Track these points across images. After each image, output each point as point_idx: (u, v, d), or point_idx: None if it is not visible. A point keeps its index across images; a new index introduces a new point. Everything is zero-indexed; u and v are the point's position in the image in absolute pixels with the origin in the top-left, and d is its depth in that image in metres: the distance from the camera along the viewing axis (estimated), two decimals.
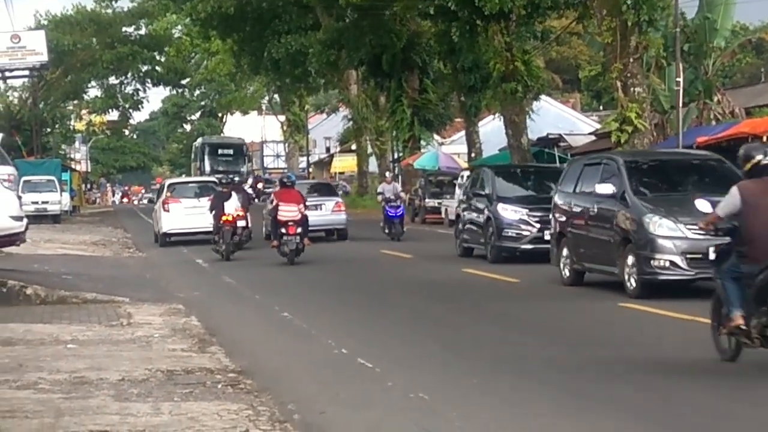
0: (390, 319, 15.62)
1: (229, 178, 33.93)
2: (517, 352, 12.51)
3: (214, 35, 61.34)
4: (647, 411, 9.35)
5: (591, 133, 49.10)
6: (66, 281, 19.88)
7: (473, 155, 50.26)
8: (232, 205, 27.25)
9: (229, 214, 26.93)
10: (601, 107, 75.32)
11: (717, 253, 11.37)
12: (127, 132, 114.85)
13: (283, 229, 25.00)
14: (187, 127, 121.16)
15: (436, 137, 57.50)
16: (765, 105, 39.13)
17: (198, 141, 68.30)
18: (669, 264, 16.49)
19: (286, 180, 27.31)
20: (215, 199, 28.13)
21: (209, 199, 29.60)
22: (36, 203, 46.22)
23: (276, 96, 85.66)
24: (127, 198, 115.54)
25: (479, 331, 14.28)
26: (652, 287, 16.66)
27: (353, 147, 70.40)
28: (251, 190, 45.81)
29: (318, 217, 30.36)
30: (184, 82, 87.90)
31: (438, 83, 52.72)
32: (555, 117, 60.90)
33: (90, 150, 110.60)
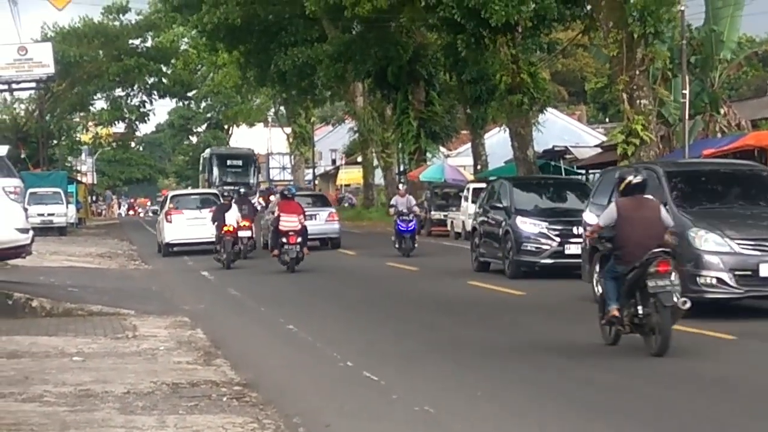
0: (395, 332, 15.58)
1: (235, 190, 34.78)
2: (526, 365, 12.49)
3: (221, 48, 61.44)
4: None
5: (597, 146, 49.15)
6: (72, 294, 19.89)
7: (479, 167, 50.32)
8: (232, 216, 28.73)
9: (230, 224, 28.32)
10: (607, 119, 75.28)
11: (600, 258, 13.74)
12: (134, 144, 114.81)
13: (284, 239, 26.20)
14: (194, 139, 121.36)
15: (441, 149, 57.57)
16: None
17: (206, 152, 67.84)
18: (716, 281, 15.47)
19: (286, 192, 28.65)
20: (217, 211, 29.55)
21: (210, 211, 31.07)
22: (42, 215, 46.29)
23: (282, 108, 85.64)
24: (134, 210, 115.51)
25: (486, 343, 14.22)
26: (697, 306, 15.20)
27: (359, 159, 70.40)
28: (262, 202, 45.42)
29: (312, 227, 30.71)
30: (190, 94, 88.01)
31: (444, 95, 52.79)
32: (561, 129, 60.92)
33: (96, 162, 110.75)
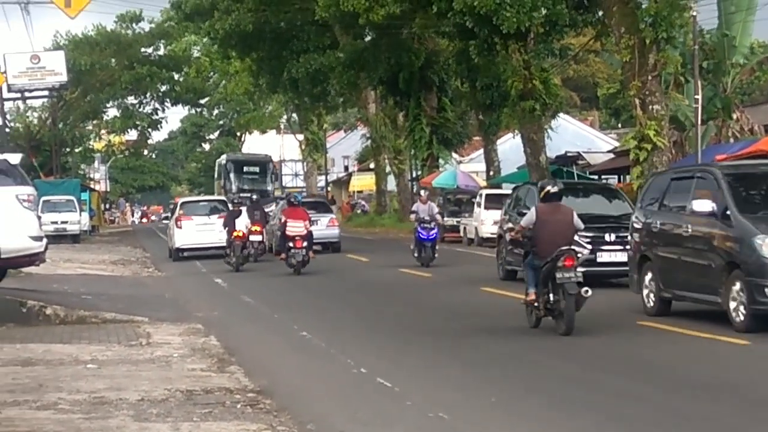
0: (409, 339, 15.56)
1: (250, 196, 35.52)
2: (544, 373, 12.47)
3: (233, 56, 61.48)
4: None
5: (609, 151, 49.07)
6: (85, 301, 19.92)
7: (492, 173, 50.28)
8: (242, 222, 30.52)
9: (240, 230, 30.06)
10: (620, 125, 75.09)
11: (524, 253, 16.51)
12: (146, 152, 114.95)
13: (291, 243, 27.68)
14: (206, 147, 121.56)
15: (454, 156, 57.48)
16: None
17: (222, 158, 67.36)
18: None
19: (293, 199, 30.21)
20: (228, 217, 31.26)
21: (220, 217, 33.03)
22: (55, 223, 46.41)
23: (294, 115, 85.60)
24: (147, 218, 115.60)
25: (498, 351, 14.20)
26: (765, 320, 14.46)
27: (371, 166, 70.39)
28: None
29: (314, 232, 30.82)
30: (202, 101, 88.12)
31: (456, 101, 52.73)
32: (573, 135, 60.80)
33: (109, 170, 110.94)
